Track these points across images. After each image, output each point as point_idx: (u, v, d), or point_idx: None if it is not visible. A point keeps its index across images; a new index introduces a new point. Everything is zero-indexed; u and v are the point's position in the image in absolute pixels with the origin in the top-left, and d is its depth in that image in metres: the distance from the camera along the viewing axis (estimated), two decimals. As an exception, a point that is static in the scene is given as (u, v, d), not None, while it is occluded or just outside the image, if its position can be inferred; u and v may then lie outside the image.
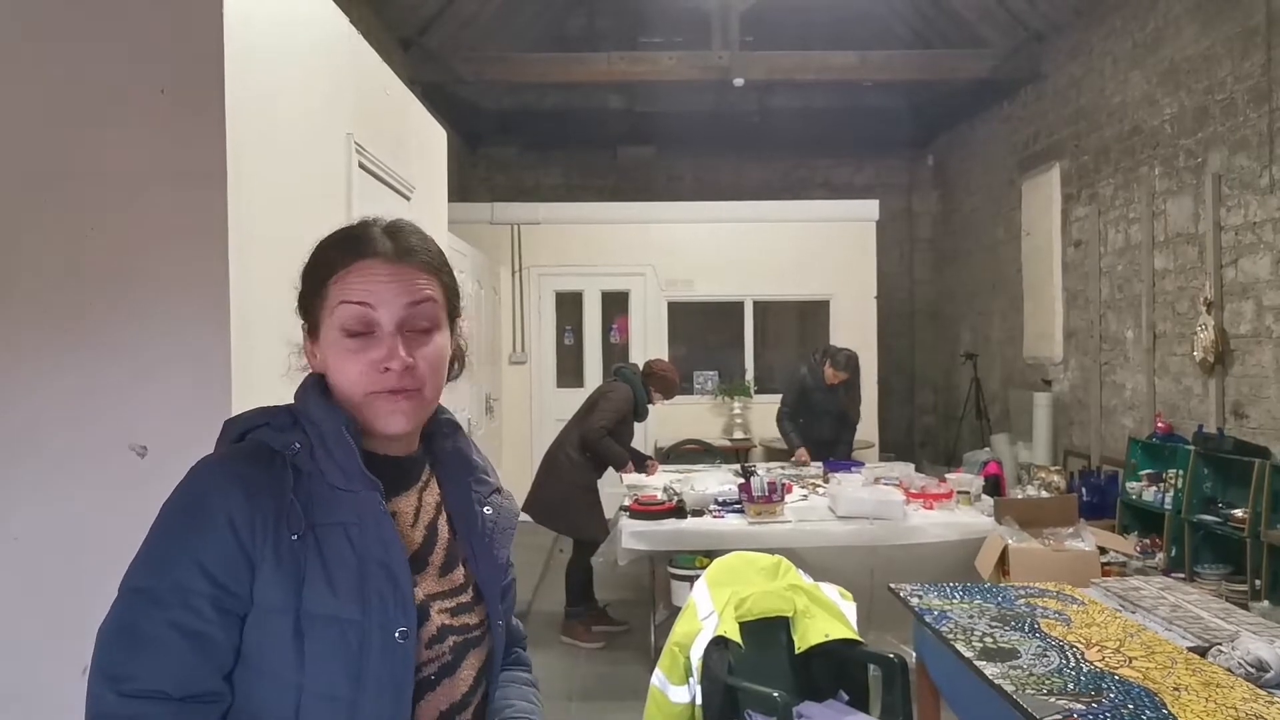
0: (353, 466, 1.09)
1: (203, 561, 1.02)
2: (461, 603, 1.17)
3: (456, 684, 1.15)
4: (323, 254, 1.15)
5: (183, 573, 1.02)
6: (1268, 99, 5.20)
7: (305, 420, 1.12)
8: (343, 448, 1.09)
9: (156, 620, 1.02)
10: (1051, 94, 7.92)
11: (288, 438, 1.10)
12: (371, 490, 1.09)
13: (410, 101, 3.77)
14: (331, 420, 1.10)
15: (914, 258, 11.10)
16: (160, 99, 1.96)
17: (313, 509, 1.07)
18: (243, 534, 1.03)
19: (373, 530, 1.08)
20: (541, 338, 8.62)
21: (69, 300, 1.96)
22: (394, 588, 1.07)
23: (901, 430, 10.75)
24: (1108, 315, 7.01)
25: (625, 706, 4.09)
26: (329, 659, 1.04)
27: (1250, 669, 2.21)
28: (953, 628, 2.61)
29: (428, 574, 1.15)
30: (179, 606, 1.02)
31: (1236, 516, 4.99)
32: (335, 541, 1.07)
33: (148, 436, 1.95)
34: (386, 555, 1.08)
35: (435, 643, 1.12)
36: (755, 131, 10.34)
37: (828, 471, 5.58)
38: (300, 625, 1.04)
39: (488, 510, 1.24)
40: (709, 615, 2.95)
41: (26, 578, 1.95)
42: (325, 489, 1.09)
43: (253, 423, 1.14)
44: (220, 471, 1.08)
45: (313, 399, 1.12)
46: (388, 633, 1.06)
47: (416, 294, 1.12)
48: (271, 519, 1.05)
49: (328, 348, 1.12)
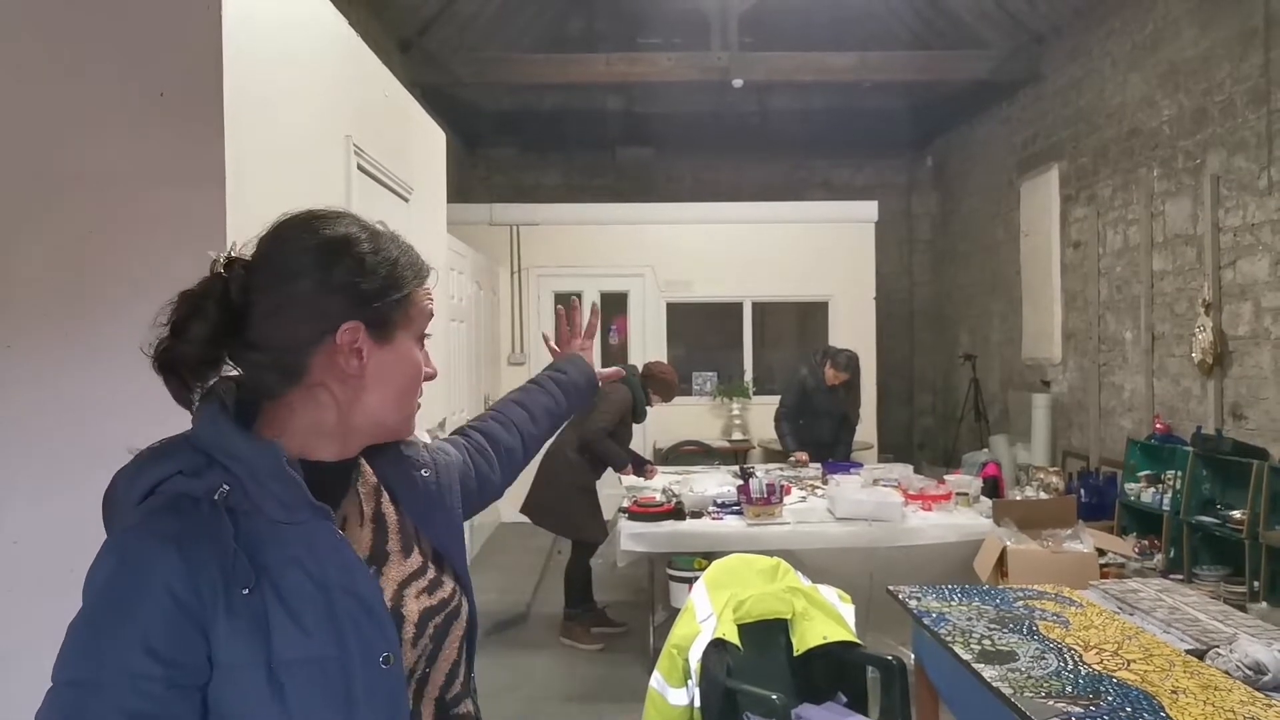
0: (298, 498, 1.00)
1: (148, 641, 0.93)
2: (431, 579, 1.13)
3: (442, 665, 1.13)
4: (408, 258, 1.12)
5: (127, 657, 0.93)
6: (1266, 100, 5.20)
7: (225, 457, 1.00)
8: (284, 483, 1.00)
9: (105, 711, 0.92)
10: (1050, 95, 7.93)
11: (209, 481, 0.99)
12: (321, 519, 1.02)
13: (409, 103, 3.77)
14: (267, 456, 1.00)
15: (913, 259, 11.11)
16: (159, 101, 1.96)
17: (259, 551, 0.98)
18: (187, 602, 0.94)
19: (330, 558, 1.01)
20: (540, 338, 8.61)
21: (68, 303, 1.96)
22: (367, 613, 1.02)
23: (900, 431, 10.76)
24: (1106, 316, 7.02)
25: (624, 708, 4.09)
26: (314, 702, 0.98)
27: (1248, 672, 2.21)
28: (951, 630, 2.61)
29: (391, 562, 1.10)
30: (130, 694, 0.92)
31: (1235, 518, 4.99)
32: (292, 579, 0.99)
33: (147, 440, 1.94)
34: (351, 581, 1.02)
35: (419, 637, 1.08)
36: (754, 132, 10.34)
37: (826, 473, 5.58)
38: (275, 675, 0.96)
39: (425, 472, 1.20)
40: (708, 617, 2.95)
41: (25, 582, 1.95)
42: (266, 525, 0.99)
43: (159, 474, 1.01)
44: (147, 537, 0.96)
45: (232, 434, 1.01)
46: (370, 661, 1.01)
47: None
48: (219, 578, 0.95)
49: (400, 353, 1.09)
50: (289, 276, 1.05)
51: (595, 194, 10.29)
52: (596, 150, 10.57)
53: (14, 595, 1.95)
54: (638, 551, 4.43)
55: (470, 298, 6.92)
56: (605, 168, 10.67)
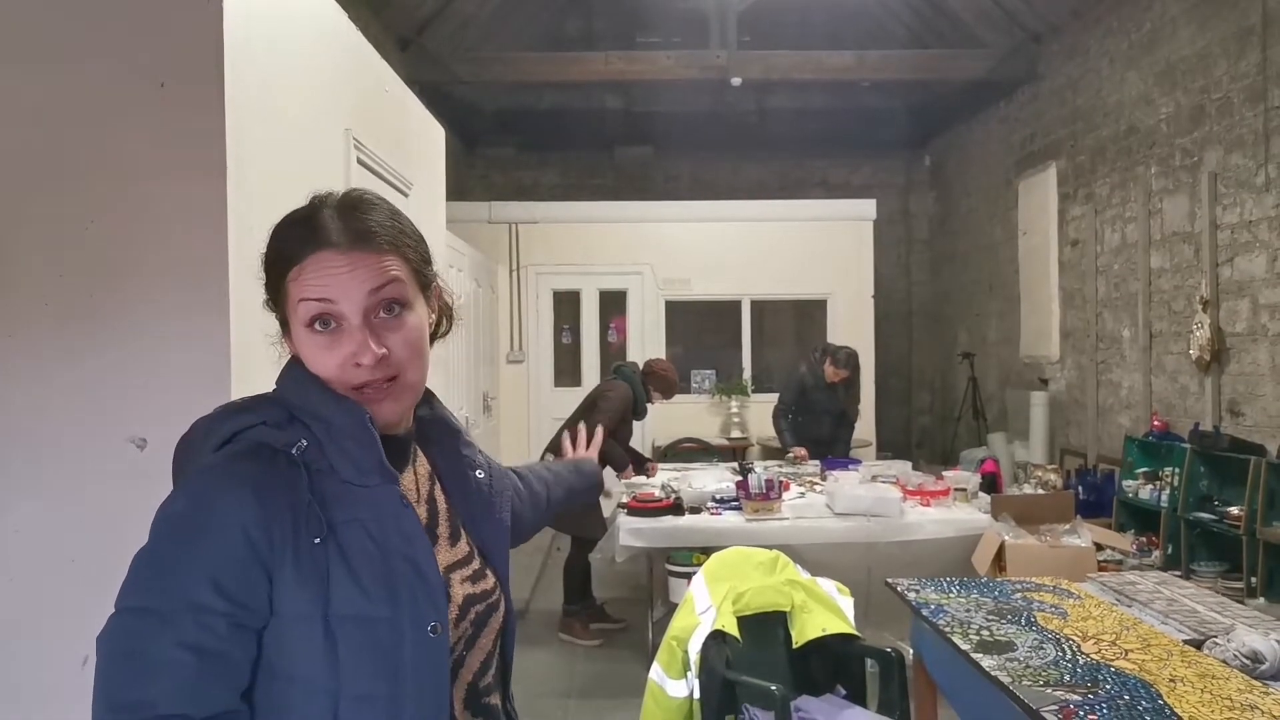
0: (372, 461, 1.04)
1: (216, 576, 0.95)
2: (475, 570, 1.15)
3: (477, 653, 1.14)
4: (275, 246, 1.08)
5: (194, 590, 0.95)
6: (1263, 98, 5.22)
7: (306, 415, 1.05)
8: (364, 443, 1.04)
9: (167, 643, 0.94)
10: (1048, 94, 7.94)
11: (290, 435, 1.04)
12: (390, 484, 1.06)
13: (409, 99, 3.78)
14: (349, 414, 1.04)
15: (911, 258, 11.12)
16: (160, 92, 1.97)
17: (329, 507, 1.02)
18: (259, 543, 0.97)
19: (393, 524, 1.05)
20: (539, 337, 8.63)
21: (68, 292, 1.97)
22: (422, 582, 1.04)
23: (898, 430, 10.77)
24: (1104, 314, 7.03)
25: (623, 704, 4.10)
26: (363, 660, 1.00)
27: (1246, 661, 2.22)
28: (949, 621, 2.61)
29: (440, 545, 1.12)
30: (193, 627, 0.94)
31: (1232, 514, 5.01)
32: (356, 538, 1.02)
33: (147, 429, 1.96)
34: (411, 549, 1.05)
35: (460, 619, 1.10)
36: (753, 131, 10.36)
37: (825, 469, 5.58)
38: (330, 629, 0.99)
39: (480, 474, 1.22)
40: (707, 610, 2.96)
41: (25, 570, 1.96)
42: (338, 485, 1.03)
43: (243, 422, 1.06)
44: (226, 475, 1.00)
45: (315, 392, 1.06)
46: (420, 627, 1.03)
47: (379, 278, 1.05)
48: (290, 526, 0.98)
49: (299, 344, 1.07)
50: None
51: (594, 193, 10.31)
52: (595, 149, 10.59)
53: (16, 584, 1.96)
54: (636, 547, 4.43)
55: (469, 296, 6.92)
56: (604, 167, 10.68)
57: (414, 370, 1.10)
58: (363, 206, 1.09)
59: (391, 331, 1.07)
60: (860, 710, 2.98)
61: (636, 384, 5.30)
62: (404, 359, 1.08)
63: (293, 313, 1.06)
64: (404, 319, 1.08)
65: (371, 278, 1.05)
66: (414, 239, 1.13)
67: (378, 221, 1.08)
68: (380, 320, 1.06)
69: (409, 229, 1.13)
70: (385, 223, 1.09)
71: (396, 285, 1.07)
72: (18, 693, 1.95)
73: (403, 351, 1.07)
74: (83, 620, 1.94)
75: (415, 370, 1.10)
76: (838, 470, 5.54)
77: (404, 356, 1.08)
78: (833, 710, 2.94)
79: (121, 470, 1.94)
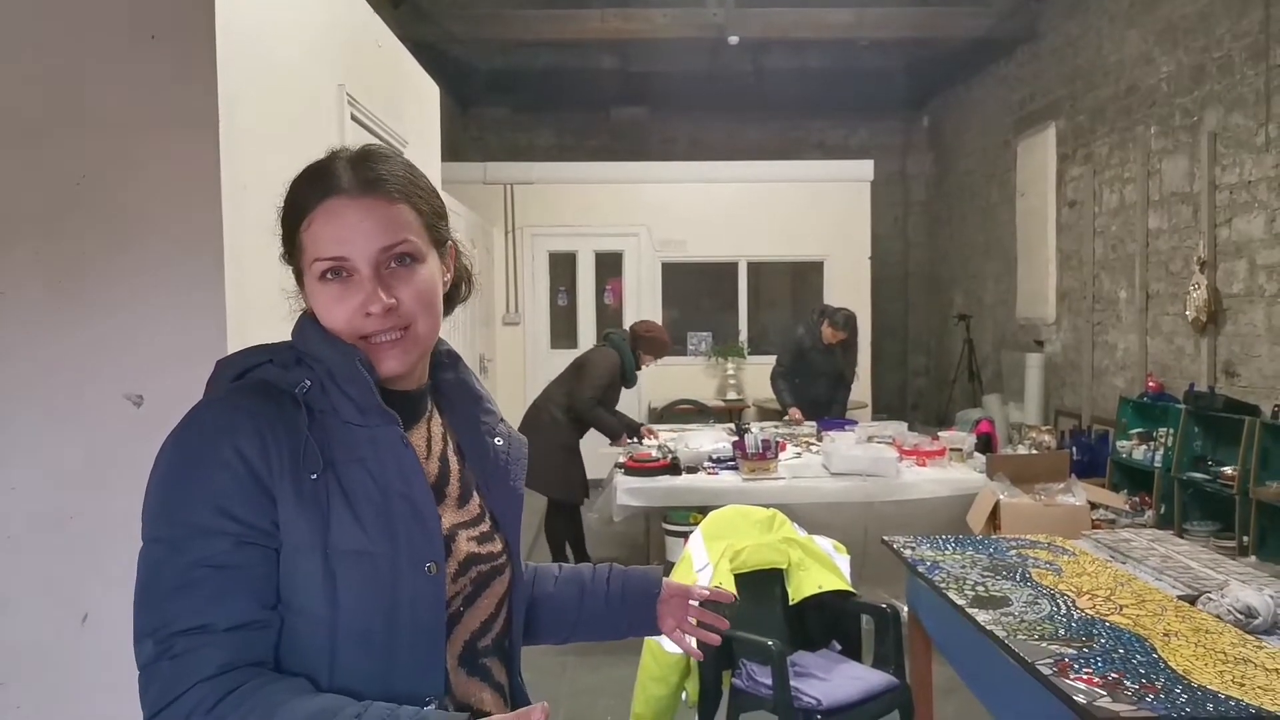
0: (369, 401, 1.06)
1: (220, 502, 0.98)
2: (483, 531, 1.16)
3: (476, 612, 1.14)
4: (292, 196, 1.10)
5: (200, 516, 0.98)
6: (1265, 56, 5.17)
7: (310, 359, 1.08)
8: (357, 383, 1.06)
9: (181, 565, 0.97)
10: (1048, 53, 7.87)
11: (294, 375, 1.07)
12: (389, 424, 1.07)
13: (402, 55, 3.73)
14: (343, 355, 1.06)
15: (908, 221, 11.08)
16: (151, 44, 1.94)
17: (330, 447, 1.04)
18: (257, 467, 0.99)
19: (392, 464, 1.06)
20: (535, 299, 8.60)
21: (60, 249, 1.95)
22: (419, 521, 1.06)
23: (894, 392, 10.79)
24: (1101, 275, 7.02)
25: (621, 660, 4.12)
26: (361, 595, 1.02)
27: (1239, 615, 2.23)
28: (945, 577, 2.63)
29: (447, 505, 1.13)
30: (204, 549, 0.98)
31: (1226, 474, 5.03)
32: (356, 476, 1.04)
33: (143, 385, 1.95)
34: (408, 488, 1.06)
35: (460, 575, 1.11)
36: (750, 92, 10.25)
37: (821, 430, 5.60)
38: (330, 563, 1.01)
39: (498, 441, 1.22)
40: (704, 567, 2.98)
41: (23, 528, 1.96)
42: (339, 426, 1.06)
43: (253, 360, 1.10)
44: (226, 407, 1.04)
45: (316, 337, 1.08)
46: (416, 565, 1.04)
47: (390, 228, 1.06)
48: (287, 457, 1.01)
49: (311, 296, 1.09)
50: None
51: (589, 154, 10.20)
52: (590, 110, 10.48)
53: (13, 541, 1.95)
54: (634, 506, 4.45)
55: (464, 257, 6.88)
56: (599, 128, 10.58)
57: (425, 322, 1.10)
58: (375, 157, 1.10)
59: (402, 283, 1.07)
60: (856, 664, 3.01)
61: (626, 352, 5.24)
62: (414, 311, 1.08)
63: (307, 268, 1.09)
64: (415, 270, 1.09)
65: (383, 227, 1.06)
66: (427, 192, 1.13)
67: (389, 171, 1.09)
68: (391, 271, 1.07)
69: (423, 182, 1.14)
70: (397, 173, 1.10)
71: (407, 234, 1.08)
72: (17, 650, 1.96)
73: (413, 303, 1.08)
74: (81, 577, 1.96)
75: (426, 323, 1.10)
76: (834, 431, 5.56)
77: (414, 308, 1.08)
78: (829, 665, 2.97)
79: (118, 427, 1.93)
